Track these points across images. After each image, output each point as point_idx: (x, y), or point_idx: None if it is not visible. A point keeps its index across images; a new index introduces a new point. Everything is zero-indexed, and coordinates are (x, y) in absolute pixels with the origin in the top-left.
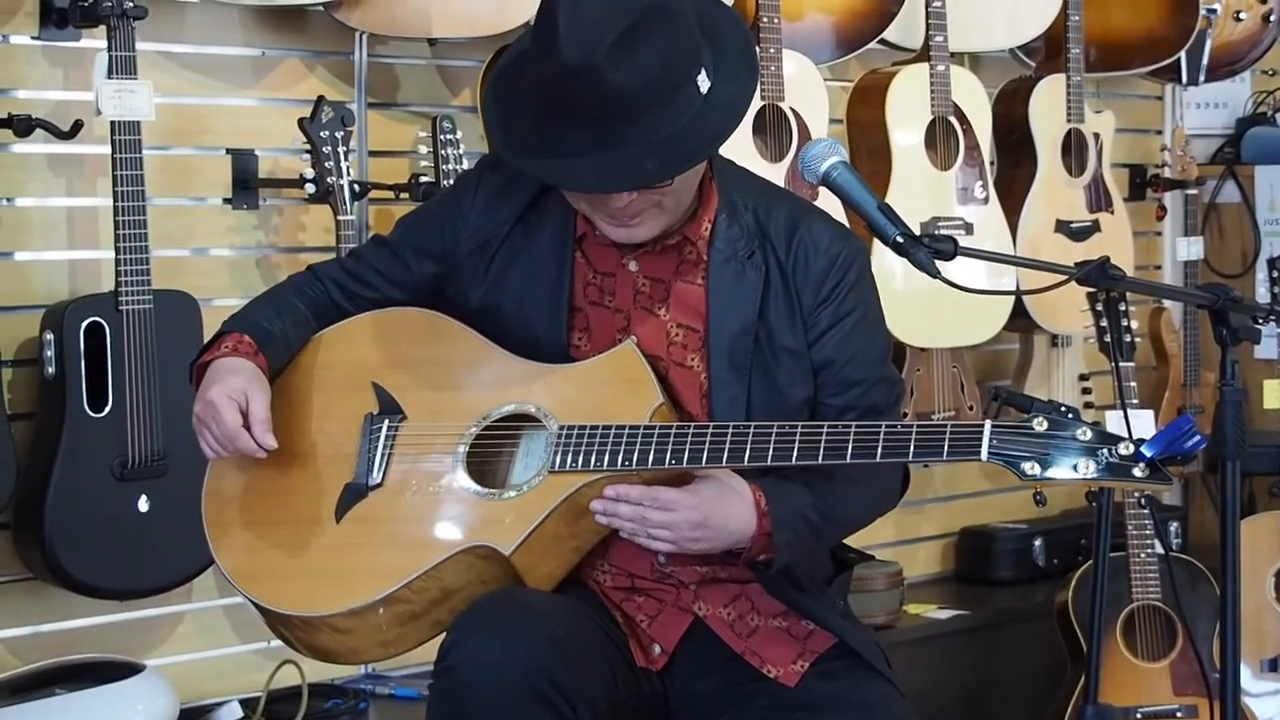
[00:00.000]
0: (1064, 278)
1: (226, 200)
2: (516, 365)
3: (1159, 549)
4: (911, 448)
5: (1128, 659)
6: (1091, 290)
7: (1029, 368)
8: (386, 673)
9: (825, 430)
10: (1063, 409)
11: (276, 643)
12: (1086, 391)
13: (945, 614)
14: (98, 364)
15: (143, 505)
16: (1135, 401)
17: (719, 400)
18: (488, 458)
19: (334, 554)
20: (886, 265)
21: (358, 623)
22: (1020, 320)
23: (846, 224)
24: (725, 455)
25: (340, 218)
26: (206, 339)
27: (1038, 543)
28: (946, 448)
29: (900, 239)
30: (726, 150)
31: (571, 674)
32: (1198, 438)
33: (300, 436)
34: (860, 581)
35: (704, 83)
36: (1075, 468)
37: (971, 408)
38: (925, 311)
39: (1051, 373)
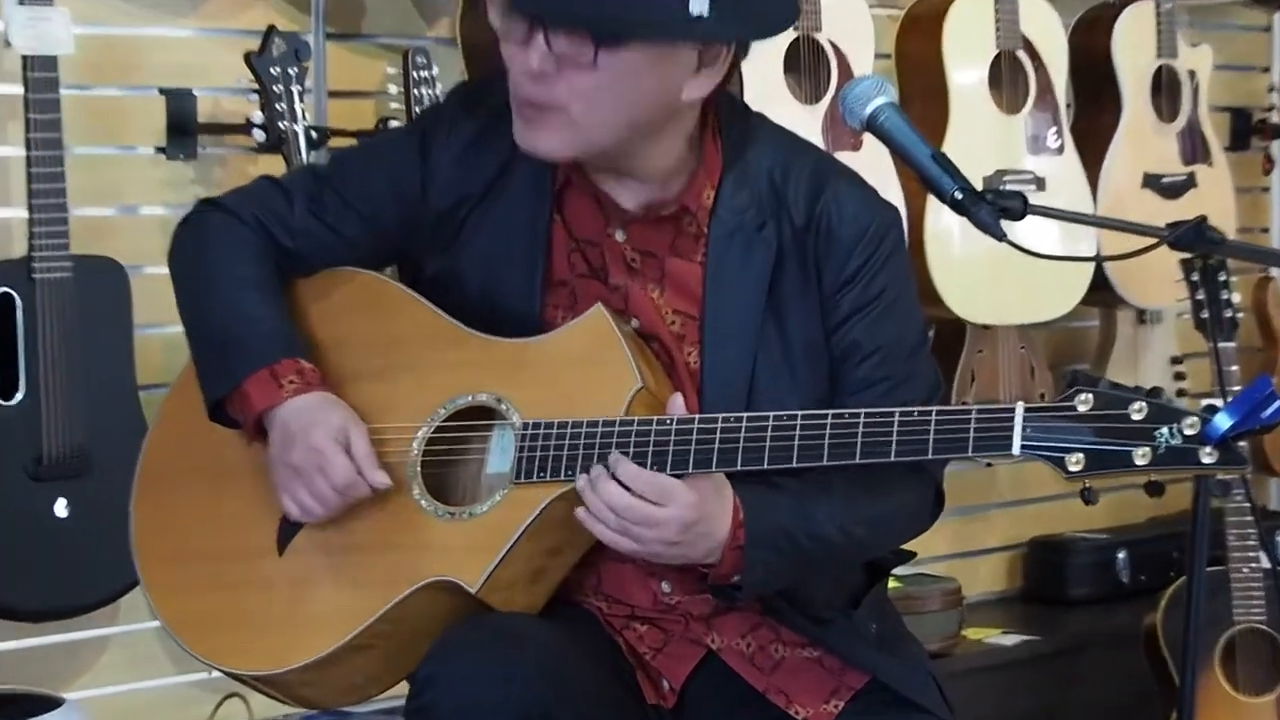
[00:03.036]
0: (1153, 241)
1: (159, 149)
2: (474, 343)
3: (1265, 563)
4: (930, 441)
5: (1227, 692)
6: (1186, 256)
7: (1111, 349)
8: (351, 708)
9: (830, 420)
10: (1158, 395)
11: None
12: (1180, 377)
13: (1011, 640)
14: (6, 343)
15: (60, 510)
16: (1237, 388)
17: (713, 402)
18: (451, 459)
19: (279, 596)
20: (943, 226)
21: (316, 675)
22: (1101, 293)
23: (896, 178)
24: (715, 457)
25: (292, 168)
26: (216, 365)
27: (1121, 555)
28: (972, 439)
29: (959, 195)
30: (750, 90)
31: (570, 712)
32: (1279, 404)
33: (227, 448)
34: (910, 601)
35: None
36: (1129, 456)
37: (1043, 396)
38: (989, 282)
39: (1138, 355)
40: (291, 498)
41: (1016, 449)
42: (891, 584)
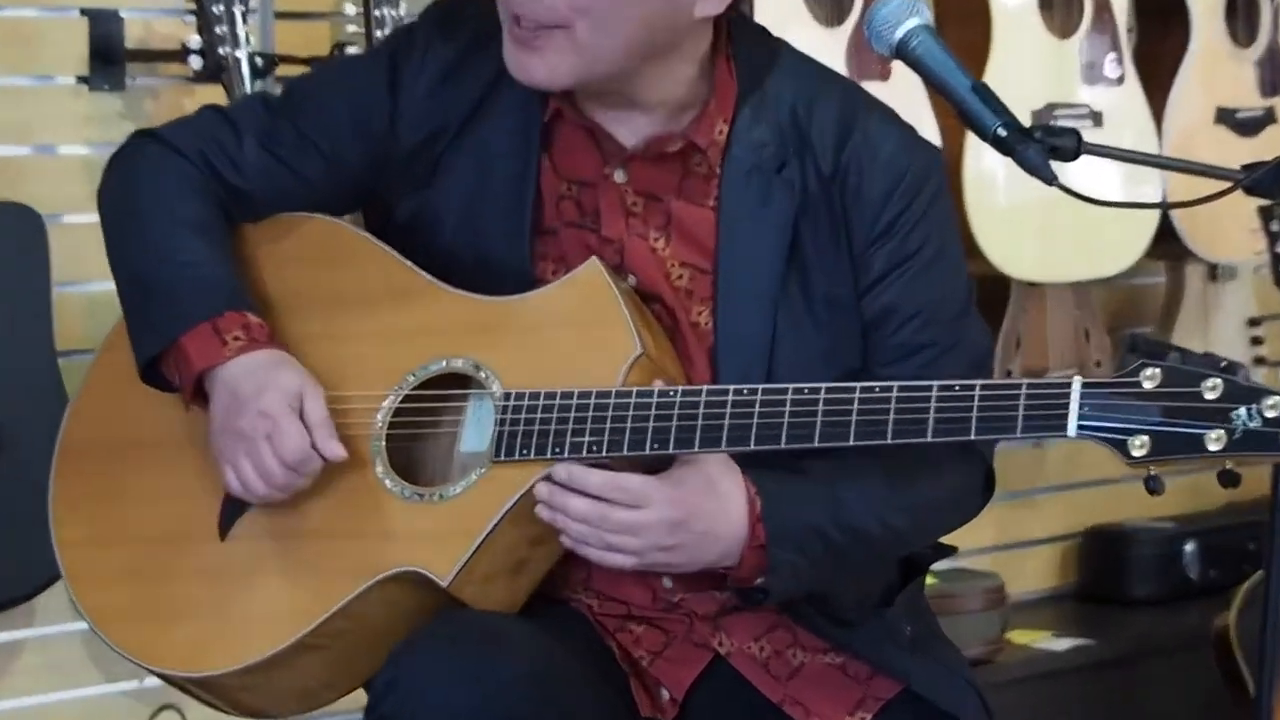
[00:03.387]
0: (1227, 185)
1: (81, 79)
2: (449, 301)
3: None
4: (974, 419)
5: None
6: (1264, 203)
7: (1179, 309)
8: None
9: (858, 394)
10: (1222, 364)
11: (152, 680)
12: (1257, 342)
13: (1063, 644)
14: None
15: None
16: None
17: (729, 370)
18: (420, 433)
19: (219, 587)
20: (985, 169)
21: (260, 679)
22: (1167, 244)
23: (931, 113)
24: (725, 434)
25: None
26: (142, 320)
27: (1189, 547)
28: (1021, 418)
29: (1003, 132)
30: (764, 11)
31: None
32: None
33: (162, 417)
34: (947, 600)
35: None
36: (1201, 440)
37: (1099, 364)
38: (1037, 233)
39: (1210, 316)
40: (234, 470)
41: (1072, 430)
42: (927, 580)
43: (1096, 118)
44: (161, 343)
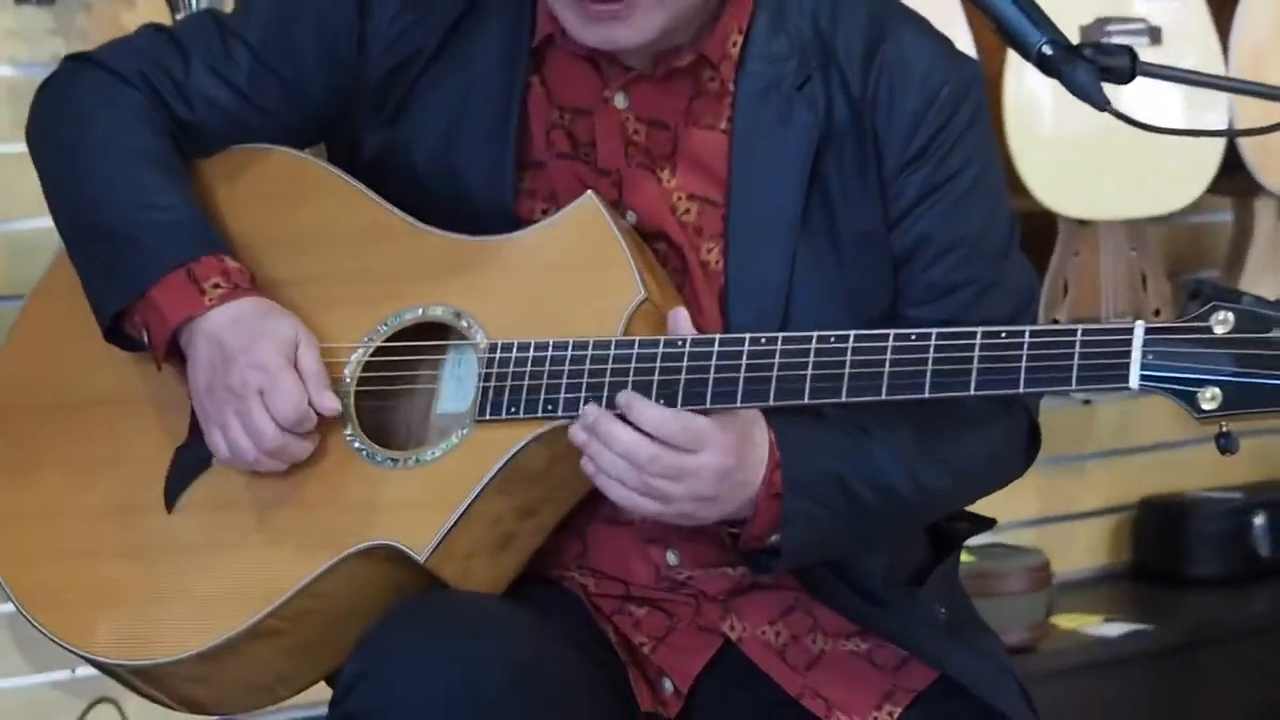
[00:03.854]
0: None
1: None
2: (427, 241)
3: None
4: (1022, 370)
5: None
6: None
7: (1247, 251)
8: (253, 717)
9: (891, 342)
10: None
11: (86, 670)
12: None
13: (1115, 629)
14: None
15: None
16: None
17: (741, 315)
18: (394, 390)
19: (164, 563)
20: (1027, 92)
21: (210, 669)
22: (1234, 178)
23: (966, 28)
24: (740, 389)
25: (180, 15)
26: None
27: (1259, 520)
28: (1077, 368)
29: (1048, 51)
30: None
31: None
32: None
33: (101, 373)
34: (984, 580)
35: None
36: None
37: (1158, 312)
38: (1088, 165)
39: None
40: (221, 432)
41: (1135, 381)
42: (962, 558)
43: (1154, 34)
44: (127, 296)
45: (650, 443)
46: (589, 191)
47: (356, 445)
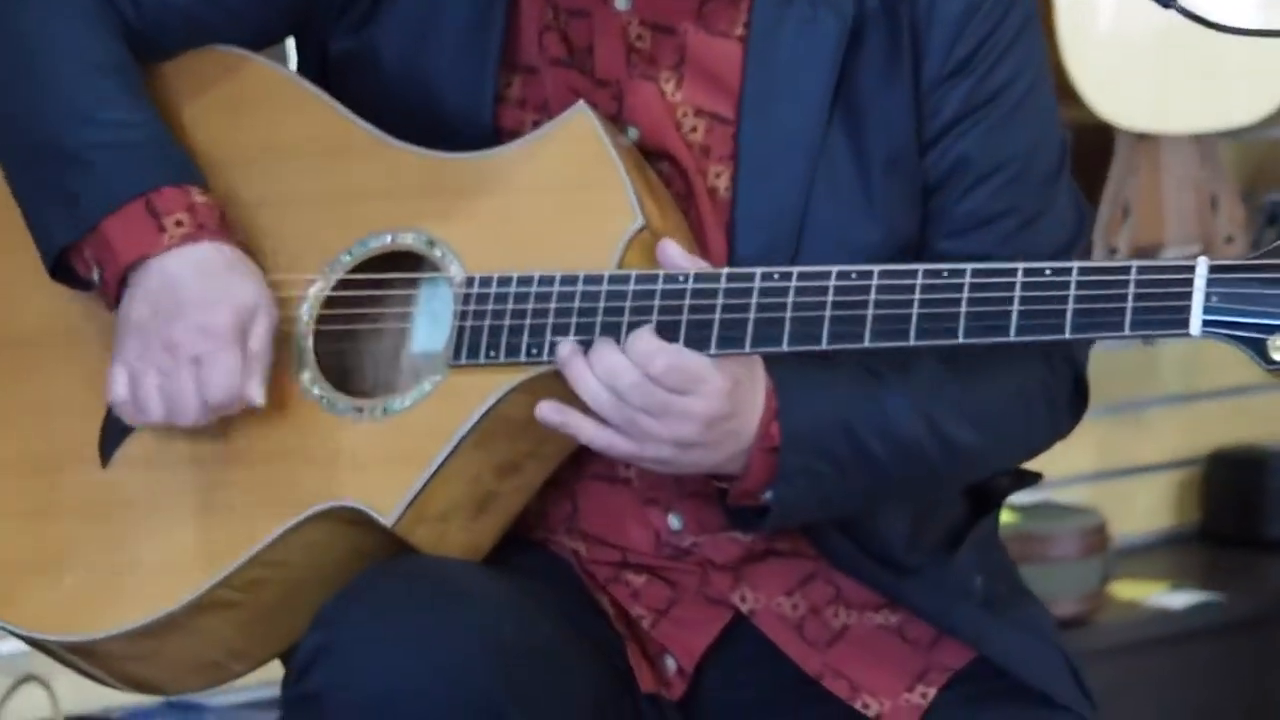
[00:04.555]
0: None
1: None
2: (397, 159)
3: None
4: (1069, 313)
5: None
6: None
7: None
8: (201, 699)
9: (921, 279)
10: None
11: (12, 645)
12: None
13: (1182, 599)
14: None
15: None
16: None
17: (747, 247)
18: (357, 330)
19: (102, 526)
20: None
21: (152, 645)
22: None
23: None
24: (750, 331)
25: None
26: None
27: None
28: (1130, 312)
29: None
30: None
31: (527, 706)
32: None
33: (26, 310)
34: (1031, 543)
35: None
36: None
37: (1230, 240)
38: (1150, 70)
39: None
40: (131, 381)
41: (1196, 327)
42: (1005, 517)
43: None
44: (78, 229)
45: (637, 371)
46: (580, 102)
47: (315, 392)
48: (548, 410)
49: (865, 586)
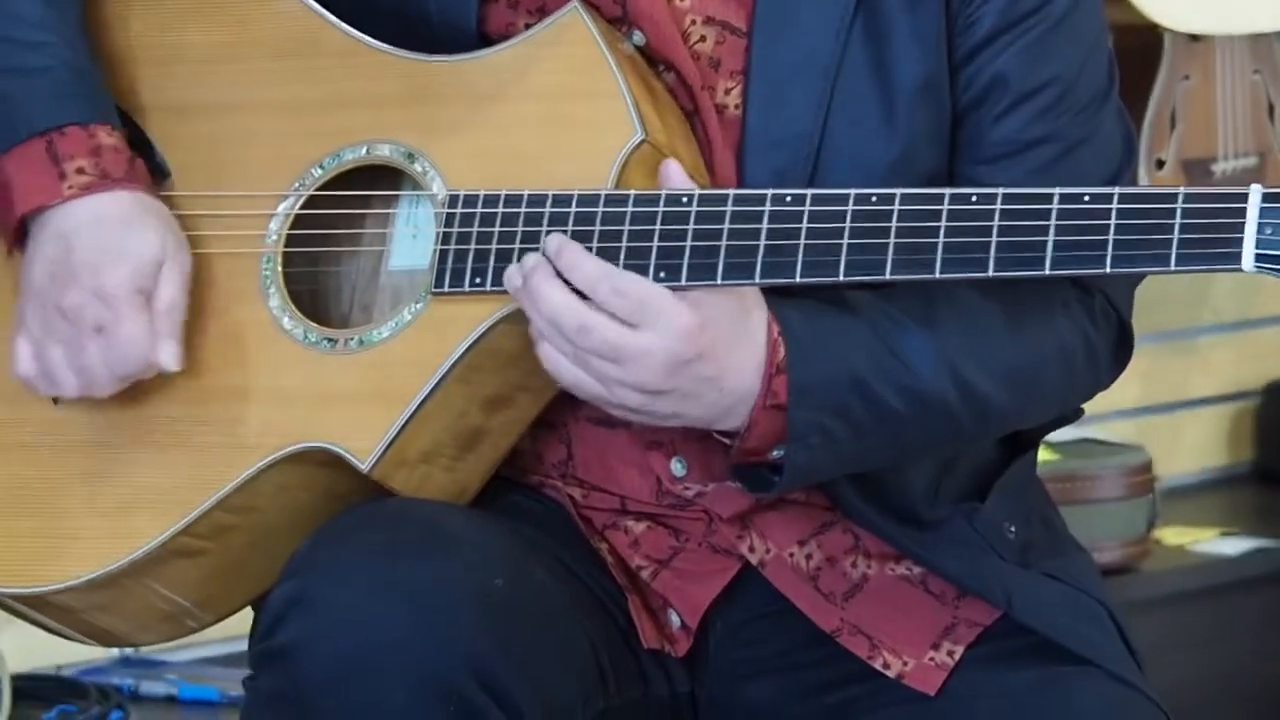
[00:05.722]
0: None
1: None
2: (373, 62)
3: None
4: (1110, 244)
5: None
6: None
7: None
8: (160, 655)
9: (947, 204)
10: None
11: None
12: None
13: (1234, 545)
14: None
15: None
16: None
17: (758, 174)
18: (331, 252)
19: (50, 468)
20: None
21: (112, 596)
22: None
23: None
24: (759, 258)
25: None
26: None
27: None
28: (1176, 245)
29: None
30: None
31: (519, 662)
32: None
33: None
34: (1072, 484)
35: None
36: None
37: None
38: None
39: None
40: (35, 355)
41: (1249, 261)
42: (1042, 455)
43: None
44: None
45: (582, 307)
46: (573, 2)
47: (285, 322)
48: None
49: (880, 540)
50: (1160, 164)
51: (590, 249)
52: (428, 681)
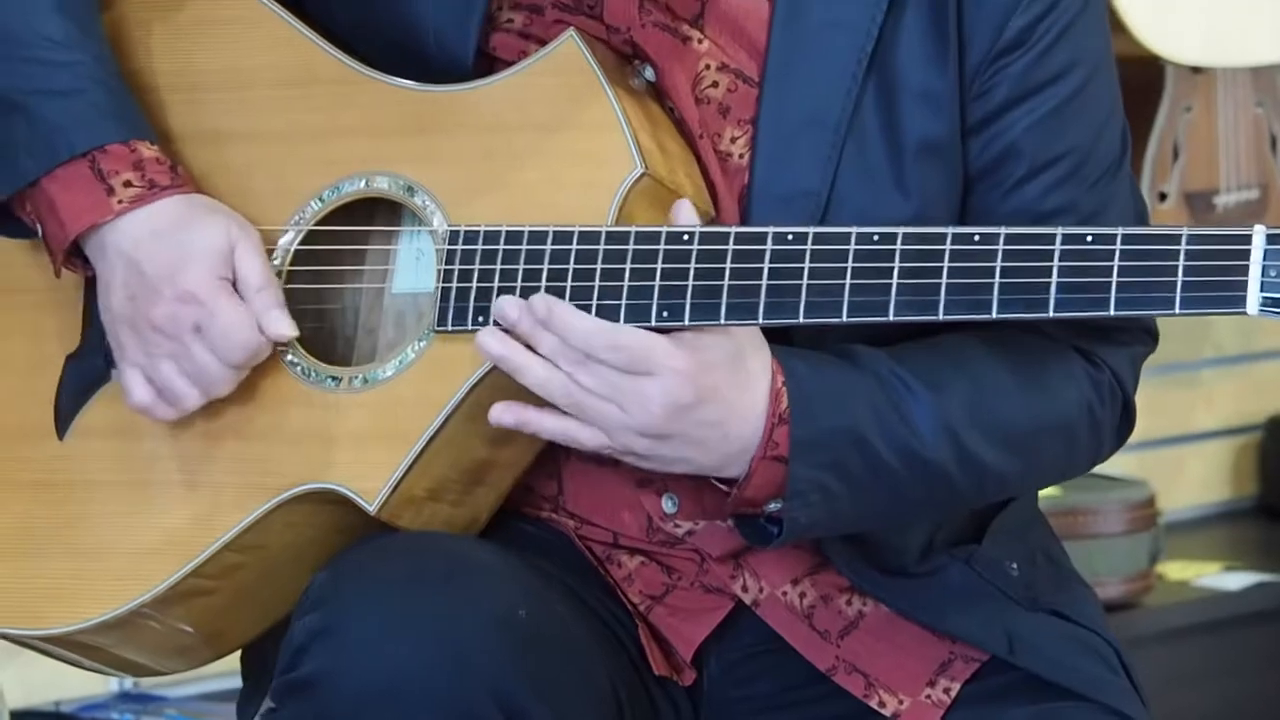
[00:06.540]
0: None
1: None
2: (372, 91)
3: None
4: (1113, 285)
5: None
6: None
7: None
8: (159, 690)
9: (950, 244)
10: None
11: None
12: None
13: (1237, 580)
14: None
15: None
16: None
17: (764, 219)
18: (333, 289)
19: (56, 505)
20: None
21: (124, 634)
22: None
23: None
24: (762, 298)
25: None
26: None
27: None
28: (1181, 286)
29: None
30: None
31: (543, 693)
32: None
33: None
34: (1075, 519)
35: None
36: None
37: None
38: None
39: None
40: (151, 378)
41: (1254, 305)
42: (1045, 491)
43: None
44: (13, 183)
45: (575, 353)
46: (570, 29)
47: (289, 359)
48: (500, 412)
49: (861, 591)
50: (1163, 196)
51: (591, 287)
52: (452, 712)
